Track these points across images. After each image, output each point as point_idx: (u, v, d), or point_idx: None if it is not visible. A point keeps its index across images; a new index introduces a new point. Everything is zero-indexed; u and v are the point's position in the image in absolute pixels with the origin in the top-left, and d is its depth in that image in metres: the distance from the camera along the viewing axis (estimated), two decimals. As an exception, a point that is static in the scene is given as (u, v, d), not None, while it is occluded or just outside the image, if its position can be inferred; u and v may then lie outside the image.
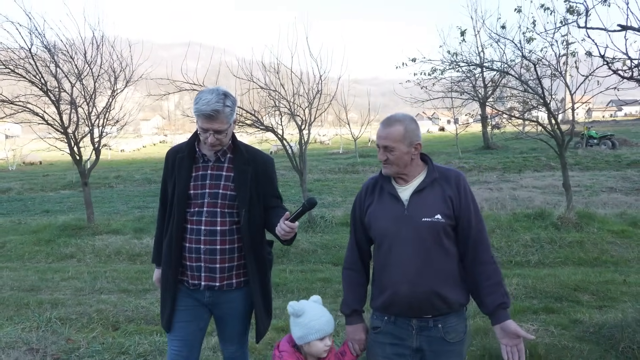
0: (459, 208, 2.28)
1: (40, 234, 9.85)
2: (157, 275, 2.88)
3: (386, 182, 2.41)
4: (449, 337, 2.30)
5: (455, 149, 27.68)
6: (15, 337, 4.69)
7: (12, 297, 6.27)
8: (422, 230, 2.25)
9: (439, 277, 2.26)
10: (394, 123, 2.31)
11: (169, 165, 2.72)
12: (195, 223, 2.60)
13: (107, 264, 8.14)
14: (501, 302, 2.24)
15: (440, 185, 2.32)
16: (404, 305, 2.28)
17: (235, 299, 2.71)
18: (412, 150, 2.31)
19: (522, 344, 2.23)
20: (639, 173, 16.80)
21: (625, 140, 28.11)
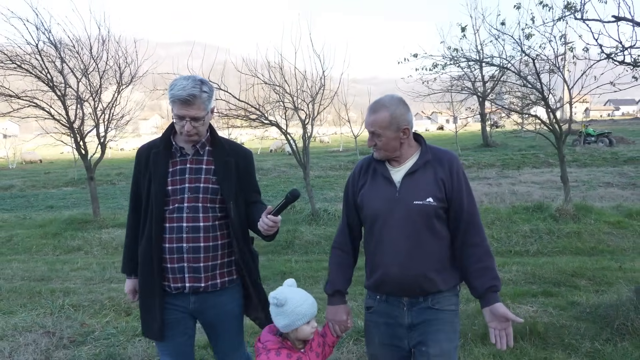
0: (451, 190, 2.26)
1: (47, 227, 10.01)
2: (130, 286, 2.69)
3: (379, 163, 2.39)
4: (438, 306, 2.29)
5: (454, 146, 27.86)
6: (30, 321, 4.86)
7: (24, 286, 6.43)
8: (413, 213, 2.24)
9: (429, 260, 2.25)
10: (380, 109, 2.28)
11: (141, 163, 2.56)
12: (175, 221, 2.44)
13: (114, 256, 8.29)
14: (491, 284, 2.22)
15: (433, 167, 2.30)
16: (394, 285, 2.28)
17: (222, 302, 2.56)
18: (400, 134, 2.27)
19: (510, 327, 2.21)
20: (635, 169, 17.00)
21: (622, 138, 28.34)
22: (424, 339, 2.28)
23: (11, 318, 5.07)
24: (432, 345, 2.25)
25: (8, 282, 6.65)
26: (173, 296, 2.50)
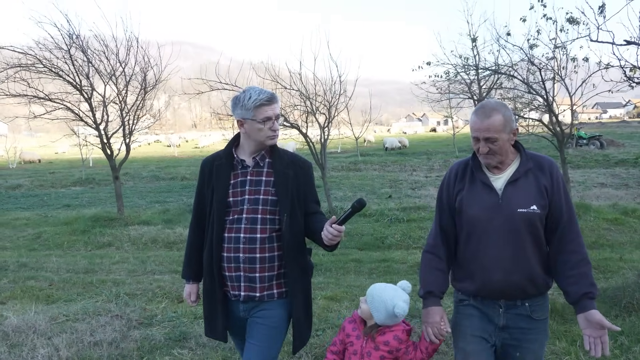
0: (552, 197, 2.26)
1: (73, 225, 10.47)
2: (189, 291, 2.78)
3: (478, 169, 2.35)
4: (536, 315, 2.31)
5: (450, 148, 28.58)
6: (96, 307, 5.36)
7: (72, 277, 6.91)
8: (516, 221, 2.23)
9: (532, 265, 2.26)
10: (492, 112, 2.22)
11: (205, 174, 2.63)
12: (234, 231, 2.50)
13: (145, 251, 8.79)
14: (587, 291, 2.19)
15: (535, 174, 2.29)
16: (495, 291, 2.29)
17: (273, 312, 2.57)
18: (511, 137, 2.27)
19: (606, 335, 2.16)
20: (627, 171, 17.75)
21: (612, 140, 29.25)
22: (519, 345, 2.31)
23: (73, 305, 5.57)
24: (527, 353, 2.30)
25: (56, 275, 7.13)
26: (231, 302, 2.60)
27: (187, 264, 2.77)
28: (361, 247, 8.01)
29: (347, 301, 5.33)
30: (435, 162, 22.99)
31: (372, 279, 6.29)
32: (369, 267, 6.88)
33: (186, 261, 2.77)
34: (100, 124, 10.26)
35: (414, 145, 35.51)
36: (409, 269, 6.78)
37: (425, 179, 17.75)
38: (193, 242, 2.72)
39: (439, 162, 23.15)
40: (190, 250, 2.74)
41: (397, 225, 9.27)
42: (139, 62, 10.12)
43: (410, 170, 20.94)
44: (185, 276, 2.78)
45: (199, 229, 2.67)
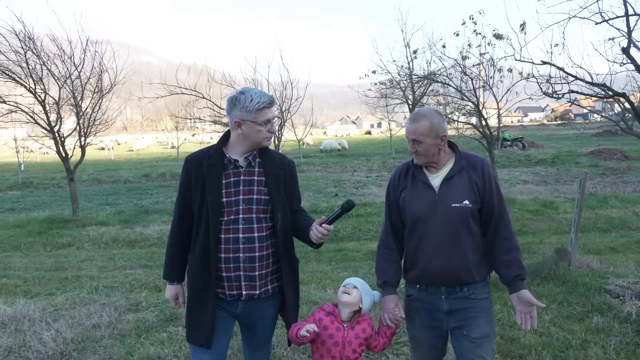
0: (484, 192, 2.48)
1: (27, 227, 10.49)
2: (174, 292, 2.72)
3: (418, 169, 2.57)
4: (474, 296, 2.51)
5: (387, 150, 29.99)
6: (81, 298, 5.73)
7: (44, 275, 7.15)
8: (451, 214, 2.45)
9: (466, 254, 2.46)
10: (421, 118, 2.47)
11: (191, 173, 2.58)
12: (231, 232, 2.51)
13: (108, 249, 9.06)
14: (518, 273, 2.44)
15: (467, 172, 2.51)
16: (435, 277, 2.50)
17: (267, 306, 2.66)
18: (438, 141, 2.48)
19: (534, 311, 2.42)
20: (545, 169, 19.64)
21: (533, 142, 31.83)
22: (464, 324, 2.50)
23: (57, 297, 5.89)
24: (473, 329, 2.48)
25: (25, 273, 7.34)
26: (225, 302, 2.58)
27: (171, 264, 2.67)
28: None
29: (314, 283, 6.02)
30: (374, 163, 24.15)
31: (332, 265, 7.04)
32: (328, 256, 7.61)
33: (170, 262, 2.68)
34: (55, 126, 10.36)
35: (351, 147, 36.77)
36: (363, 256, 7.58)
37: (366, 178, 18.76)
38: (177, 243, 2.66)
39: (377, 163, 24.33)
40: (175, 251, 2.66)
41: (347, 220, 10.07)
42: (95, 67, 10.31)
43: (351, 170, 21.93)
44: (170, 277, 2.68)
45: (183, 229, 2.62)
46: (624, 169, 18.05)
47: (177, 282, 2.69)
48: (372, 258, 7.59)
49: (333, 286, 5.73)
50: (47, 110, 10.27)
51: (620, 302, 4.78)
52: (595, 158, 22.18)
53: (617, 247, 7.81)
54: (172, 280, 2.69)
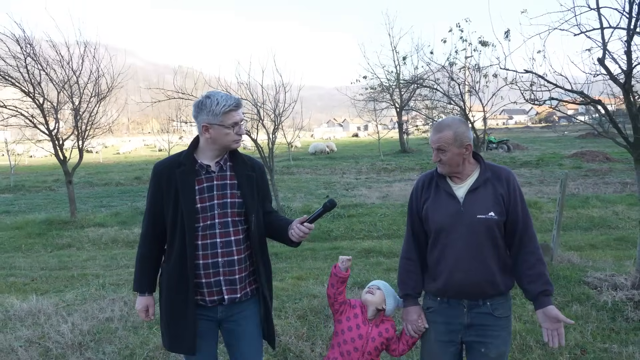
0: (509, 204, 2.45)
1: (26, 229, 10.68)
2: (145, 304, 2.66)
3: (442, 179, 2.56)
4: (497, 313, 2.48)
5: (375, 152, 30.42)
6: (90, 294, 6.00)
7: (50, 274, 7.39)
8: (476, 226, 2.42)
9: (490, 267, 2.44)
10: (444, 128, 2.47)
11: (162, 181, 2.54)
12: (209, 237, 2.50)
13: (108, 250, 9.30)
14: (544, 289, 2.40)
15: (493, 184, 2.48)
16: (457, 289, 2.48)
17: (249, 308, 2.65)
18: (463, 151, 2.46)
19: (562, 328, 2.37)
20: (530, 171, 20.17)
21: (518, 144, 32.47)
22: (484, 341, 2.49)
23: (66, 294, 6.14)
24: (492, 349, 2.47)
25: (31, 272, 7.57)
26: (206, 308, 2.57)
27: (142, 275, 2.65)
28: (311, 240, 9.05)
29: (312, 279, 6.35)
30: (362, 166, 24.52)
31: (328, 262, 7.37)
32: (323, 254, 7.95)
33: (141, 273, 2.65)
34: (54, 130, 10.58)
35: (339, 150, 37.14)
36: (357, 254, 7.93)
37: (355, 180, 19.12)
38: (147, 253, 2.62)
39: (366, 165, 24.71)
40: (145, 261, 2.63)
41: (340, 220, 10.41)
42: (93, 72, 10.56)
43: (340, 173, 22.28)
44: (140, 289, 2.65)
45: (154, 239, 2.60)
46: (605, 170, 18.64)
47: (149, 293, 2.65)
48: (365, 256, 7.96)
49: (330, 281, 6.07)
50: (46, 114, 10.49)
51: (597, 293, 5.18)
52: (578, 160, 22.77)
53: (596, 244, 8.24)
54: (142, 292, 2.65)
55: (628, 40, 4.52)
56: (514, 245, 2.48)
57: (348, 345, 2.67)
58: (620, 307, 4.79)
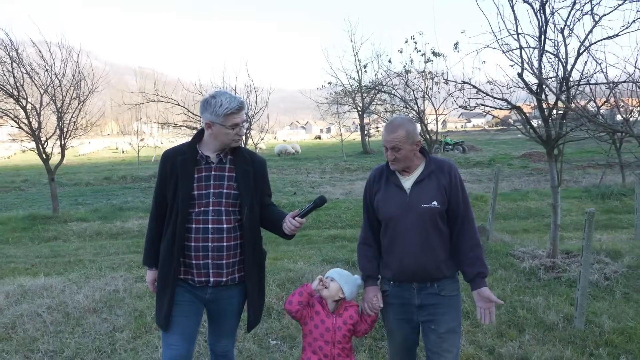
0: (450, 193, 2.64)
1: (10, 224, 11.22)
2: (152, 277, 2.90)
3: (391, 173, 2.75)
4: (443, 292, 2.69)
5: (338, 153, 31.62)
6: (91, 274, 6.78)
7: (47, 260, 8.08)
8: (421, 214, 2.60)
9: (436, 252, 2.63)
10: (397, 128, 2.62)
11: (167, 167, 2.75)
12: (201, 222, 2.67)
13: (93, 241, 10.00)
14: (479, 271, 2.62)
15: (437, 175, 2.67)
16: (408, 274, 2.67)
17: (234, 294, 2.83)
18: (414, 147, 2.65)
19: (493, 307, 2.62)
20: (481, 170, 21.74)
21: (472, 146, 34.34)
22: (433, 319, 2.70)
23: (68, 275, 6.91)
24: (440, 325, 2.68)
25: (29, 260, 8.24)
26: (192, 287, 2.77)
27: (149, 251, 2.86)
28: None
29: (287, 259, 7.33)
30: (326, 166, 25.65)
31: (299, 246, 8.38)
32: (294, 240, 8.92)
33: (149, 249, 2.87)
34: (37, 130, 11.20)
35: (303, 151, 38.17)
36: (324, 239, 9.00)
37: (320, 179, 20.20)
38: (154, 231, 2.84)
39: (330, 165, 25.85)
40: (152, 238, 2.85)
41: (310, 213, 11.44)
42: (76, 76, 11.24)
43: (305, 172, 23.31)
44: (148, 263, 2.89)
45: (159, 219, 2.81)
46: (548, 169, 20.36)
47: (156, 267, 2.85)
48: (331, 241, 9.00)
49: (302, 260, 7.09)
50: (28, 115, 11.09)
51: (520, 262, 6.40)
52: (526, 160, 24.55)
53: (529, 229, 9.56)
54: (150, 266, 2.89)
55: (539, 59, 5.73)
56: (455, 230, 2.68)
57: (318, 342, 2.79)
58: (535, 271, 6.01)
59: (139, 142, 31.67)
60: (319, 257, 7.24)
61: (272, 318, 5.01)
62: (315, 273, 6.22)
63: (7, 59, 10.41)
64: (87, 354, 4.26)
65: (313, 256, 7.39)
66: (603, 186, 13.02)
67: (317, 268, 6.55)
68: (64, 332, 4.73)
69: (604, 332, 4.32)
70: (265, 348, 4.35)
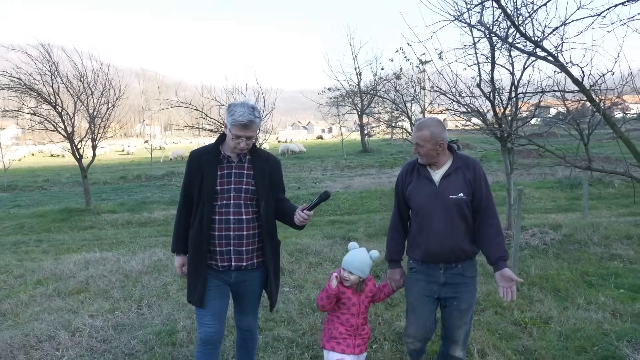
0: (475, 187, 2.93)
1: (49, 216, 12.81)
2: (180, 262, 3.21)
3: (422, 167, 3.04)
4: (467, 273, 3.01)
5: (339, 152, 33.17)
6: (133, 251, 8.32)
7: (93, 242, 9.62)
8: (449, 204, 2.90)
9: (461, 237, 2.93)
10: (423, 128, 2.95)
11: (193, 165, 3.04)
12: (224, 214, 2.97)
13: (125, 229, 11.55)
14: (501, 255, 2.90)
15: (462, 171, 2.96)
16: (435, 255, 2.98)
17: (255, 277, 3.14)
18: (437, 147, 2.93)
19: (514, 286, 2.90)
20: (473, 166, 23.26)
21: (467, 144, 35.71)
22: (456, 296, 3.01)
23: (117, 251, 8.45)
24: (462, 302, 3.01)
25: (76, 243, 9.81)
26: (219, 272, 3.06)
27: (177, 239, 3.17)
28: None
29: (294, 237, 8.84)
30: (328, 164, 27.20)
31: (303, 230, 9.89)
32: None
33: (177, 237, 3.17)
34: (71, 133, 12.76)
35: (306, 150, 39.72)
36: (325, 223, 10.53)
37: (322, 176, 21.74)
38: (182, 222, 3.14)
39: (331, 163, 27.41)
40: (180, 228, 3.15)
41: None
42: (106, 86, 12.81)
43: (308, 170, 24.84)
44: (176, 250, 3.19)
45: (186, 210, 3.11)
46: (532, 164, 21.88)
47: (183, 254, 3.18)
48: (331, 225, 10.53)
49: (307, 237, 8.60)
50: (64, 120, 12.67)
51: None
52: (515, 156, 26.07)
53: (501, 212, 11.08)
54: (178, 253, 3.20)
55: (491, 71, 7.26)
56: (478, 219, 2.97)
57: (346, 315, 3.14)
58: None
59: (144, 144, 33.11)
60: (320, 235, 8.76)
61: (284, 275, 6.55)
62: (317, 246, 7.76)
63: (47, 70, 11.96)
64: (150, 298, 5.78)
65: (316, 235, 8.91)
66: (573, 178, 14.55)
67: (318, 242, 8.08)
68: (128, 285, 6.27)
69: (530, 276, 5.86)
70: (281, 293, 5.87)
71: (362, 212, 11.81)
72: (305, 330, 4.63)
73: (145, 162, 35.09)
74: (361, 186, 16.55)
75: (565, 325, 4.50)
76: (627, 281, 5.71)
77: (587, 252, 6.87)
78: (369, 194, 14.38)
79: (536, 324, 4.56)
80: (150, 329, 4.72)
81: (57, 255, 8.30)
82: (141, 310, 5.33)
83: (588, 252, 6.87)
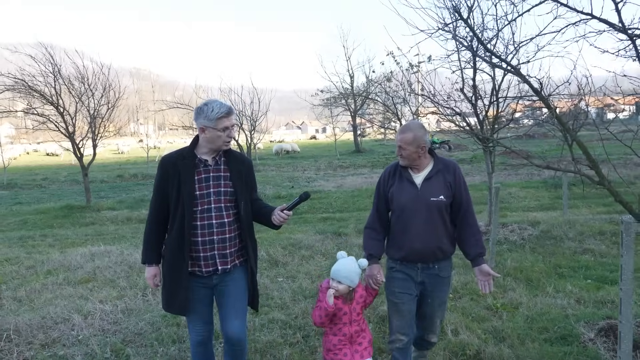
0: (455, 189, 3.08)
1: (50, 213, 13.18)
2: (153, 273, 3.11)
3: (404, 169, 3.15)
4: (442, 274, 3.19)
5: (333, 152, 33.66)
6: (138, 243, 8.76)
7: (96, 237, 10.03)
8: (430, 206, 3.03)
9: (441, 237, 3.09)
10: (406, 131, 3.07)
11: (168, 170, 2.99)
12: (206, 219, 2.96)
13: (125, 225, 11.96)
14: (479, 252, 3.10)
15: (443, 174, 3.10)
16: (416, 256, 3.11)
17: (238, 277, 3.14)
18: (419, 150, 3.06)
19: (491, 279, 3.09)
20: (463, 167, 23.78)
21: (459, 145, 36.34)
22: (430, 294, 3.21)
23: (121, 244, 8.89)
24: (435, 299, 3.22)
25: (79, 238, 10.22)
26: (203, 277, 3.06)
27: (149, 249, 3.11)
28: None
29: (287, 232, 9.31)
30: (321, 164, 27.69)
31: (297, 225, 10.37)
32: (293, 220, 10.97)
33: (149, 247, 3.11)
34: (73, 133, 13.17)
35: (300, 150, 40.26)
36: (317, 220, 11.00)
37: (315, 175, 22.21)
38: (155, 231, 3.10)
39: (324, 163, 27.90)
40: (152, 238, 3.11)
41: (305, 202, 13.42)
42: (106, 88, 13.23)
43: (301, 170, 25.31)
44: (148, 260, 3.11)
45: (159, 219, 3.07)
46: (519, 165, 22.44)
47: (155, 264, 3.13)
48: (323, 221, 11.01)
49: (300, 233, 9.07)
50: (66, 120, 13.07)
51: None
52: (504, 157, 26.63)
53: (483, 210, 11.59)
54: (150, 263, 3.12)
55: (473, 77, 7.77)
56: (459, 220, 3.13)
57: (338, 325, 3.17)
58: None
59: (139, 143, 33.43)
60: (313, 231, 9.24)
61: (278, 267, 7.02)
62: (309, 241, 8.24)
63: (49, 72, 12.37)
64: (154, 286, 6.24)
65: (308, 230, 9.39)
66: (557, 178, 15.09)
67: (311, 237, 8.57)
68: (132, 275, 6.72)
69: (506, 268, 6.36)
70: (275, 283, 6.34)
71: (353, 210, 12.27)
72: (297, 314, 5.09)
73: (141, 161, 35.39)
74: (353, 185, 17.04)
75: (533, 310, 5.00)
76: (596, 273, 6.22)
77: (562, 247, 7.39)
78: (360, 192, 14.88)
79: (506, 309, 5.06)
80: (156, 312, 5.19)
81: (63, 249, 8.72)
82: (146, 297, 5.79)
83: (562, 247, 7.38)
